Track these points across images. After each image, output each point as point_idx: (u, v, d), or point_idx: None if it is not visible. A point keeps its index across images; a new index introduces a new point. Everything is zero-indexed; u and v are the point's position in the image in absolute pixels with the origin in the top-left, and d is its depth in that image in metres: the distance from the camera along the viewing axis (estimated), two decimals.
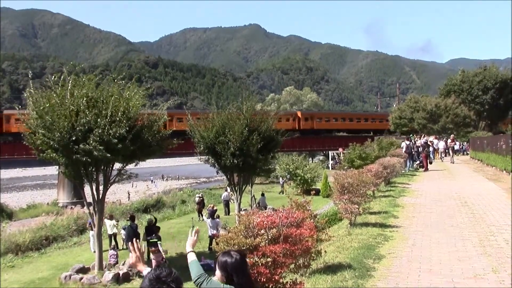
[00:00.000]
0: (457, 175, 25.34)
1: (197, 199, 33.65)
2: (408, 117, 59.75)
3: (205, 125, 20.93)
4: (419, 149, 31.99)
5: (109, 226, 22.38)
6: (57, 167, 18.72)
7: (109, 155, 14.92)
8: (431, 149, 34.87)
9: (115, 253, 18.93)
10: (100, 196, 16.89)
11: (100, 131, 14.77)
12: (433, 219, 12.46)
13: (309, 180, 41.85)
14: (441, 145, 39.12)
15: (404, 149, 30.33)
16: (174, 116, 49.31)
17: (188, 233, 4.01)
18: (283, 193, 39.99)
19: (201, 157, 21.90)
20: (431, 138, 39.70)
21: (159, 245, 17.26)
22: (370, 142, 43.47)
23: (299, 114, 76.75)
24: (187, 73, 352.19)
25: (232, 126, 20.00)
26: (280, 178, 45.67)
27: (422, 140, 33.60)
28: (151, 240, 17.36)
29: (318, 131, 76.03)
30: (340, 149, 66.05)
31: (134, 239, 3.76)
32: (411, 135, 40.84)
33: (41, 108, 15.00)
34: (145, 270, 3.30)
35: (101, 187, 17.04)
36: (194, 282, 3.50)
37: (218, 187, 60.04)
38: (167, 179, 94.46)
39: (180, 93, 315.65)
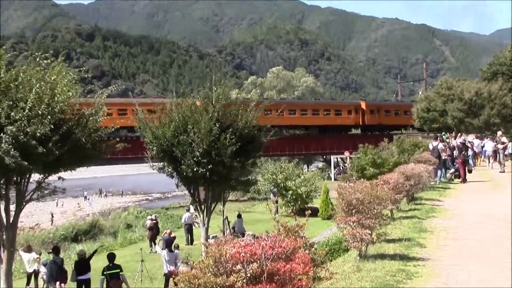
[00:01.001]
0: (506, 188, 25.56)
1: (148, 222, 33.47)
2: (439, 109, 60.20)
3: (160, 119, 20.82)
4: (454, 152, 32.12)
5: (28, 261, 22.15)
6: None
7: (26, 163, 14.70)
8: (470, 152, 34.94)
9: None
10: (11, 219, 16.67)
11: (14, 130, 14.51)
12: (473, 249, 12.55)
13: (304, 196, 41.97)
14: (489, 146, 37.67)
15: (430, 153, 30.40)
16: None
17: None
18: (276, 212, 39.96)
19: (154, 164, 21.79)
20: (471, 138, 39.51)
21: (122, 277, 17.30)
22: (387, 143, 43.69)
23: (363, 105, 78.96)
24: (135, 48, 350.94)
25: (197, 121, 19.90)
26: (272, 195, 45.64)
27: (459, 140, 33.74)
28: (110, 272, 17.43)
29: (385, 127, 77.48)
30: (346, 153, 66.38)
31: (60, 282, 3.72)
32: (442, 133, 41.01)
33: None
34: None
35: (12, 207, 16.82)
36: None
37: (177, 206, 59.79)
38: (106, 195, 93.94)
39: (126, 76, 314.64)
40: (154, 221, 33.10)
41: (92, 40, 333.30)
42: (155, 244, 29.86)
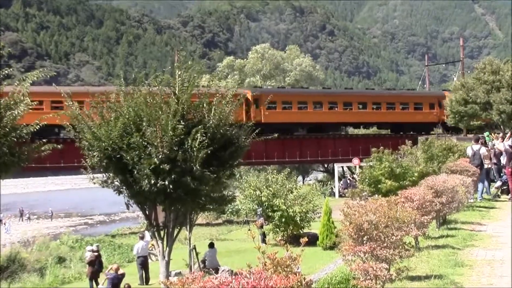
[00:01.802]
0: None
1: (88, 255, 33.34)
2: (481, 101, 60.30)
3: (103, 115, 20.73)
4: (502, 159, 32.05)
5: None
6: None
7: None
8: None
9: None
10: None
11: None
12: None
13: (298, 218, 41.93)
14: None
15: (470, 160, 30.24)
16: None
17: None
18: (264, 241, 40.04)
19: (95, 175, 21.67)
20: None
21: None
22: (411, 147, 43.73)
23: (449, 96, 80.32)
24: (69, 18, 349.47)
25: (155, 116, 19.85)
26: (260, 218, 45.34)
27: (507, 143, 33.61)
28: None
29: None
30: (356, 160, 66.60)
31: None
32: (486, 133, 41.10)
33: None
34: None
35: None
36: None
37: (127, 232, 59.74)
38: (29, 218, 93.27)
39: (56, 55, 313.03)
40: (96, 253, 32.97)
41: (9, 6, 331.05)
42: (97, 284, 29.79)
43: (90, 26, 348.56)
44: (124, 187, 21.13)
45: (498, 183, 31.22)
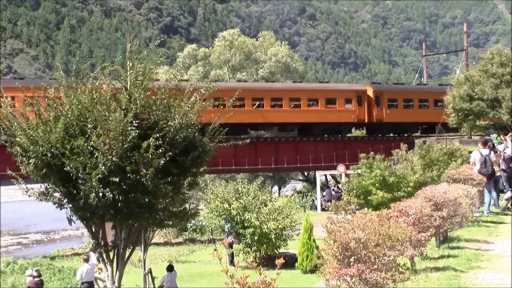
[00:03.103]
0: None
1: (28, 280, 33.21)
2: (488, 97, 60.46)
3: (40, 114, 20.61)
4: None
5: None
6: None
7: None
8: None
9: None
10: None
11: None
12: None
13: (273, 236, 41.93)
14: None
15: (477, 166, 30.08)
16: None
17: None
18: (232, 262, 40.01)
19: (31, 186, 21.53)
20: None
21: None
22: (406, 153, 43.74)
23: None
24: None
25: (102, 117, 19.75)
26: (228, 236, 45.21)
27: None
28: None
29: None
30: (341, 168, 66.74)
31: None
32: (493, 135, 41.21)
33: None
34: None
35: None
36: None
37: (69, 253, 59.49)
38: None
39: None
40: (37, 279, 32.84)
41: None
42: None
43: (24, 8, 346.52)
44: (66, 200, 20.96)
45: (509, 194, 30.68)
